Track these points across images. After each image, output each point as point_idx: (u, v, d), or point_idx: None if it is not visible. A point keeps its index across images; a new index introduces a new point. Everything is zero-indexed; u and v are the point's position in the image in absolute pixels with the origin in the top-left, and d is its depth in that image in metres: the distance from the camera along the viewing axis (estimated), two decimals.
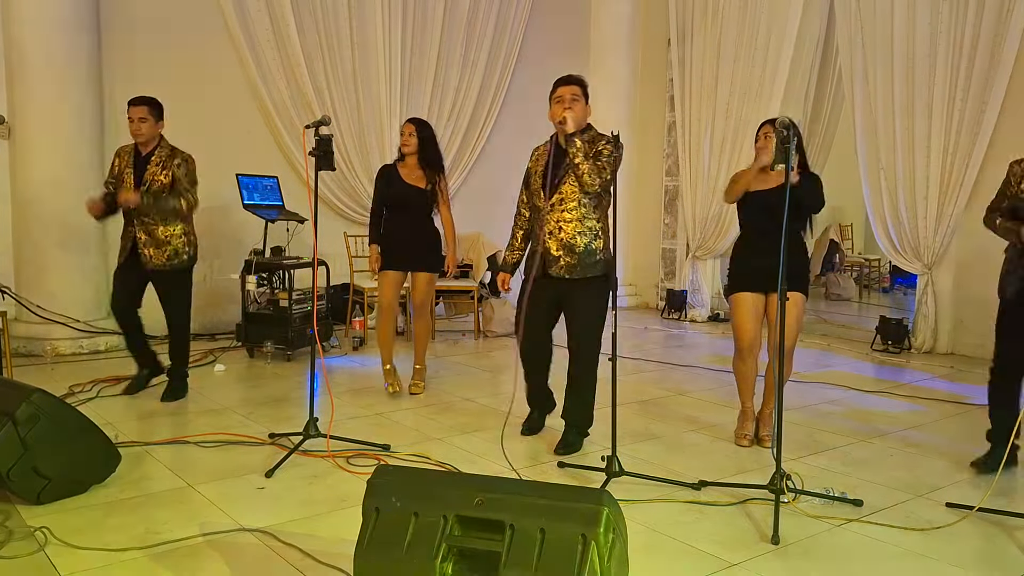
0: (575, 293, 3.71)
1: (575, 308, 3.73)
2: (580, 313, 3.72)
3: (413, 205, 4.68)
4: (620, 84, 8.79)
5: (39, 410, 3.02)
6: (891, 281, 10.99)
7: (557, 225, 3.67)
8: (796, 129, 3.13)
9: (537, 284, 3.65)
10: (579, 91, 3.68)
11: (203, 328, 6.65)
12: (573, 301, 3.73)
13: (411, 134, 4.69)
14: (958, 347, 6.39)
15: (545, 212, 3.69)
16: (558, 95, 3.69)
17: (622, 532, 2.10)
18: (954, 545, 2.86)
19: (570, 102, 3.63)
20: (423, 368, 4.99)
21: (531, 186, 3.84)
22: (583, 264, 3.68)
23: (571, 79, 3.73)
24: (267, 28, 6.71)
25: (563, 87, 3.69)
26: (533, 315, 3.71)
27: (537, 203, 3.77)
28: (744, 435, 3.99)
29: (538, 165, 3.82)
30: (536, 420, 4.09)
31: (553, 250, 3.68)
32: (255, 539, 2.79)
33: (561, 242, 3.66)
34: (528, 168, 3.90)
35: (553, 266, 3.69)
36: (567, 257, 3.67)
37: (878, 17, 6.51)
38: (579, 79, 3.74)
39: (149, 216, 4.43)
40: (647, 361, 6.05)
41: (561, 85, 3.71)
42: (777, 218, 3.06)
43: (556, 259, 3.68)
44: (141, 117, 4.38)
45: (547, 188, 3.67)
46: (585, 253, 3.67)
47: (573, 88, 3.68)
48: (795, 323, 3.80)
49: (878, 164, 6.66)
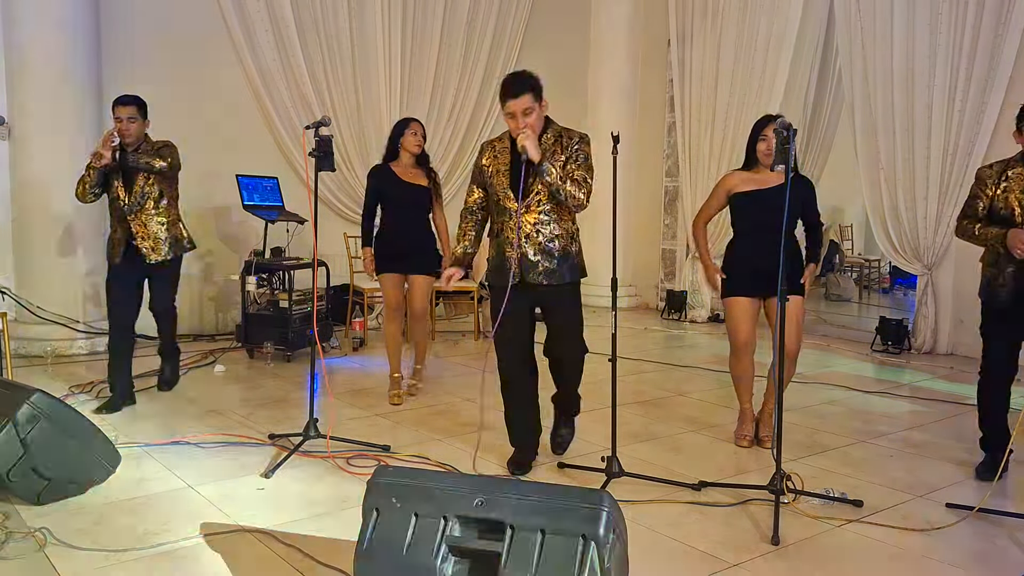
0: (556, 299, 3.44)
1: (559, 315, 3.48)
2: (566, 319, 3.47)
3: (416, 204, 4.67)
4: (620, 85, 8.78)
5: (39, 411, 3.02)
6: (891, 281, 11.00)
7: (535, 228, 3.36)
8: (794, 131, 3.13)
9: (511, 292, 3.32)
10: (530, 99, 3.23)
11: (203, 329, 6.65)
12: (555, 307, 3.47)
13: (421, 133, 4.71)
14: (958, 347, 6.38)
15: (519, 214, 3.34)
16: (507, 110, 3.26)
17: (622, 533, 2.10)
18: (954, 546, 2.86)
19: (522, 118, 3.23)
20: (422, 368, 5.01)
21: (493, 186, 3.43)
22: (562, 269, 3.39)
23: (519, 86, 3.24)
24: (267, 28, 6.71)
25: (511, 100, 3.24)
26: (515, 331, 3.40)
27: (507, 204, 3.38)
28: (744, 435, 3.99)
29: (498, 164, 3.41)
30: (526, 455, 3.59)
31: (531, 255, 3.35)
32: (255, 540, 2.79)
33: (540, 246, 3.36)
34: (482, 166, 3.47)
35: (531, 272, 3.36)
36: (546, 262, 3.36)
37: (878, 17, 6.51)
38: (528, 82, 3.26)
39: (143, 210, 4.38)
40: (647, 362, 6.05)
41: (509, 97, 3.25)
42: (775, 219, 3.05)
43: (534, 264, 3.35)
44: (130, 117, 4.31)
45: (518, 189, 3.30)
46: (563, 257, 3.39)
47: (522, 100, 3.22)
48: (799, 326, 3.80)
49: (878, 164, 6.66)
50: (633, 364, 5.89)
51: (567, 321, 3.49)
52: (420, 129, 4.72)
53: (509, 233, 3.38)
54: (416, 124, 4.73)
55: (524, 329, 3.46)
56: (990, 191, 3.47)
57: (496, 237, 3.48)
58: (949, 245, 6.33)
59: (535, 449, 3.63)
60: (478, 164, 3.51)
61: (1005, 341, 3.52)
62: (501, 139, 3.47)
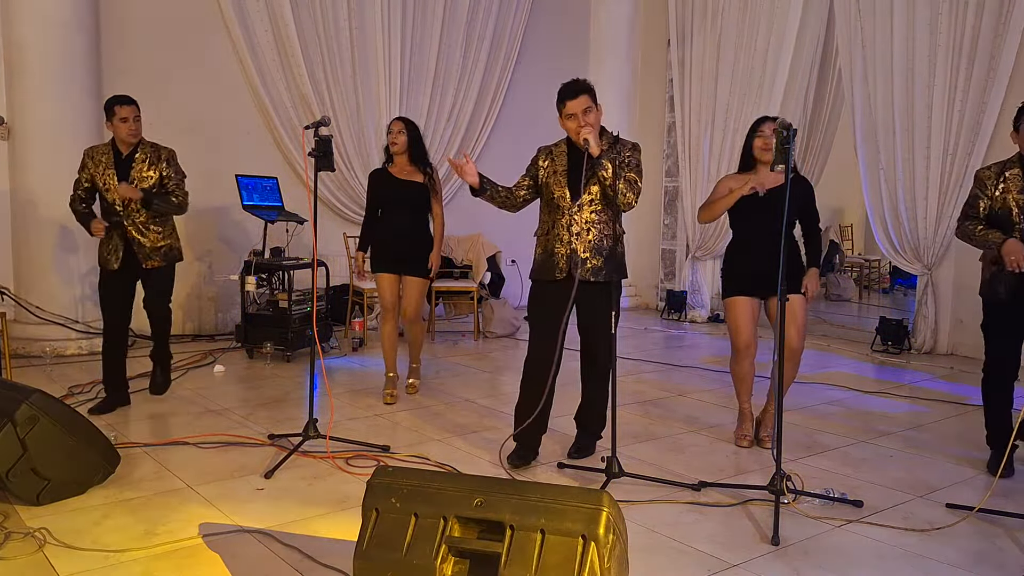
0: (597, 297, 3.52)
1: (595, 313, 3.56)
2: (600, 318, 3.52)
3: (412, 201, 4.65)
4: (620, 85, 8.78)
5: (38, 411, 3.01)
6: (891, 282, 11.00)
7: (585, 227, 3.48)
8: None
9: (556, 287, 3.49)
10: (588, 100, 3.42)
11: (202, 329, 6.65)
12: (594, 305, 3.55)
13: (400, 131, 4.65)
14: (958, 348, 6.39)
15: (571, 212, 3.49)
16: (568, 111, 3.43)
17: (622, 533, 2.10)
18: (954, 546, 2.85)
19: (583, 116, 3.40)
20: (419, 367, 5.01)
21: (549, 186, 3.58)
22: (609, 267, 3.50)
23: (577, 88, 3.44)
24: (266, 28, 6.71)
25: (571, 100, 3.42)
26: (552, 325, 3.46)
27: (560, 203, 3.53)
28: (744, 435, 3.99)
29: (556, 165, 3.58)
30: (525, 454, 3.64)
31: (580, 251, 3.48)
32: (254, 540, 2.79)
33: (589, 244, 3.48)
34: (539, 163, 3.64)
35: (580, 268, 3.47)
36: (595, 259, 3.49)
37: (878, 17, 6.51)
38: (585, 85, 3.46)
39: (140, 214, 4.36)
40: (647, 362, 6.05)
41: (569, 98, 3.43)
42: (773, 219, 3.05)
43: (583, 261, 3.48)
44: (136, 116, 4.32)
45: (572, 188, 3.48)
46: (611, 256, 3.51)
47: (582, 100, 3.41)
48: (802, 324, 3.80)
49: (878, 165, 6.66)
50: (633, 364, 5.89)
51: (602, 319, 3.51)
52: (401, 127, 4.66)
53: (561, 231, 3.53)
54: (396, 123, 4.70)
55: (559, 323, 3.46)
56: (990, 192, 3.51)
57: (545, 235, 3.62)
58: (949, 245, 6.33)
59: (536, 448, 3.66)
60: (535, 163, 3.67)
61: (1005, 339, 3.57)
62: (558, 144, 3.65)
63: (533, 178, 3.66)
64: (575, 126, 3.42)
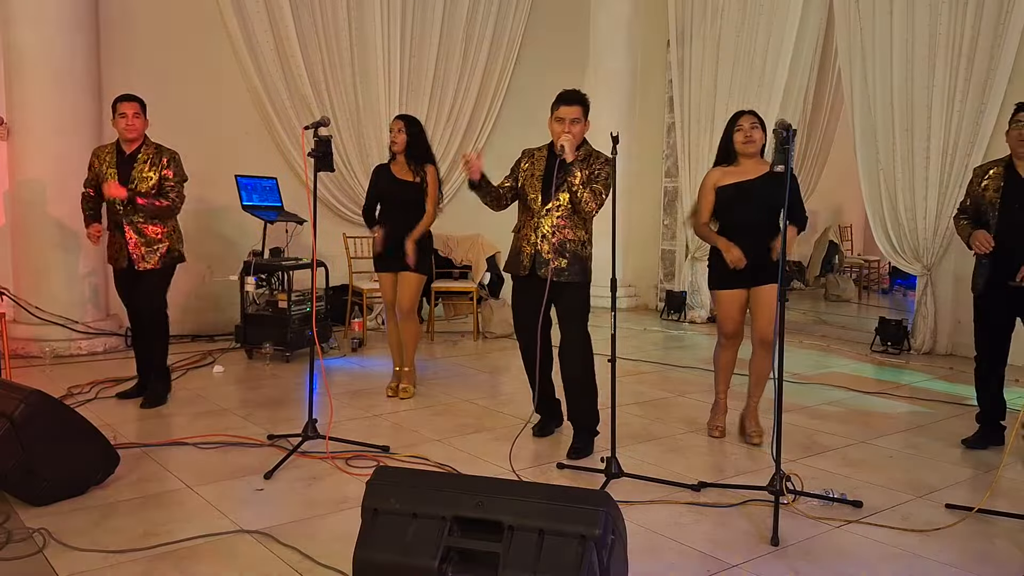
0: (563, 296, 3.77)
1: (565, 311, 3.81)
2: (571, 316, 3.80)
3: (403, 199, 4.67)
4: (619, 85, 8.78)
5: (38, 411, 3.02)
6: (890, 282, 10.99)
7: (551, 229, 3.72)
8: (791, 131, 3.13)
9: (524, 282, 3.81)
10: (580, 112, 3.67)
11: (201, 329, 6.65)
12: (562, 304, 3.80)
13: (400, 130, 4.68)
14: (957, 348, 6.38)
15: (539, 215, 3.76)
16: (559, 115, 3.68)
17: (621, 533, 2.10)
18: (954, 546, 2.86)
19: (569, 124, 3.64)
20: (411, 371, 4.93)
21: (525, 188, 3.84)
22: (572, 269, 3.73)
23: (574, 98, 3.70)
24: (266, 28, 6.70)
25: (565, 106, 3.68)
26: (527, 317, 3.83)
27: (532, 206, 3.80)
28: (716, 427, 4.06)
29: (535, 168, 3.82)
30: (545, 424, 4.10)
31: (544, 252, 3.73)
32: (254, 541, 2.79)
33: (553, 246, 3.71)
34: (521, 165, 3.89)
35: (543, 268, 3.72)
36: (558, 260, 3.71)
37: (877, 18, 6.51)
38: (581, 98, 3.71)
39: (138, 215, 4.36)
40: (646, 362, 6.05)
41: (563, 104, 3.69)
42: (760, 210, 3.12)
43: (546, 262, 3.71)
44: (135, 113, 4.34)
45: (544, 193, 3.73)
46: (574, 258, 3.73)
47: (574, 109, 3.66)
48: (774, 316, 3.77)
49: (877, 165, 6.66)
50: (632, 365, 5.89)
51: (573, 316, 3.82)
52: (401, 126, 4.68)
53: (529, 231, 3.80)
54: (397, 122, 4.73)
55: (534, 315, 3.76)
56: (976, 189, 3.89)
57: (517, 233, 3.90)
58: (948, 245, 6.33)
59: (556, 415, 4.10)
60: (518, 164, 3.92)
61: (984, 325, 3.93)
62: (540, 149, 3.89)
63: (515, 179, 3.90)
64: (560, 129, 3.66)
